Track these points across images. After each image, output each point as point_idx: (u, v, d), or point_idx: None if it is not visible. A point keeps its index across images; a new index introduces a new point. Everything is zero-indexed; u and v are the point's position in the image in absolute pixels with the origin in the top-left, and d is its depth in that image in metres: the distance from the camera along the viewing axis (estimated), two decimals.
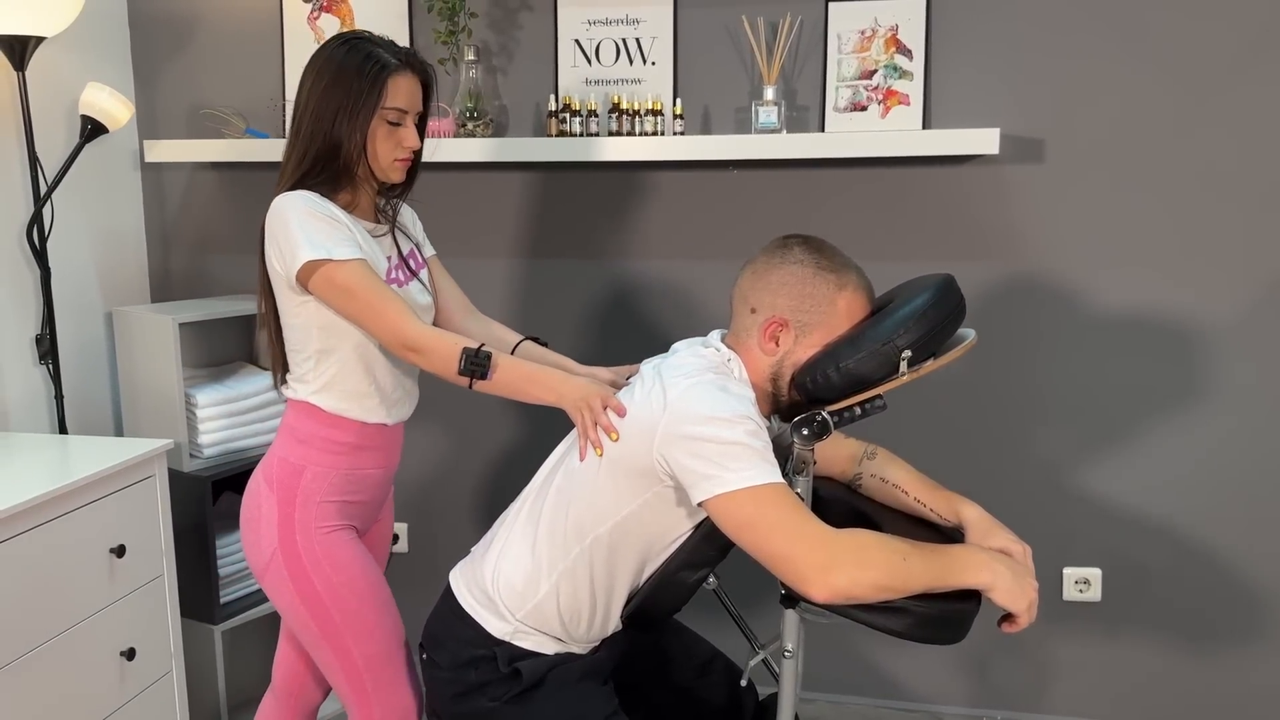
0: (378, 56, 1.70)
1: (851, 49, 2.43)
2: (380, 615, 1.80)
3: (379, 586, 1.82)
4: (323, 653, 1.79)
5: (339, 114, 1.69)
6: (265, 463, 1.82)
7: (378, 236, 1.81)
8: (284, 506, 1.77)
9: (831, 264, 1.56)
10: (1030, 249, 2.45)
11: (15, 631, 1.82)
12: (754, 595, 2.35)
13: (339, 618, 1.76)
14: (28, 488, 1.87)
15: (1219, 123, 2.33)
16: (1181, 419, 2.45)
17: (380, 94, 1.70)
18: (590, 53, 2.56)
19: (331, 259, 1.65)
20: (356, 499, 1.83)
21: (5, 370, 2.38)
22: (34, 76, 2.38)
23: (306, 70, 1.74)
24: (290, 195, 1.70)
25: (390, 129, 1.73)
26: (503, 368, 1.66)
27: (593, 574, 1.58)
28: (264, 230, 1.73)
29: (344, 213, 1.74)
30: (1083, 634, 2.57)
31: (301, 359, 1.78)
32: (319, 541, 1.76)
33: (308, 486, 1.77)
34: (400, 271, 1.84)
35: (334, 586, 1.76)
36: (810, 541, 1.39)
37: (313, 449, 1.78)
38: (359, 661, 1.78)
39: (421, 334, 1.67)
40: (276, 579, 1.77)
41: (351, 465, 1.81)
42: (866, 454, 1.76)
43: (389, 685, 1.80)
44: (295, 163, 1.73)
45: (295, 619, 1.78)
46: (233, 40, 2.75)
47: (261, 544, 1.78)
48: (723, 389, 1.49)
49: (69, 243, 2.58)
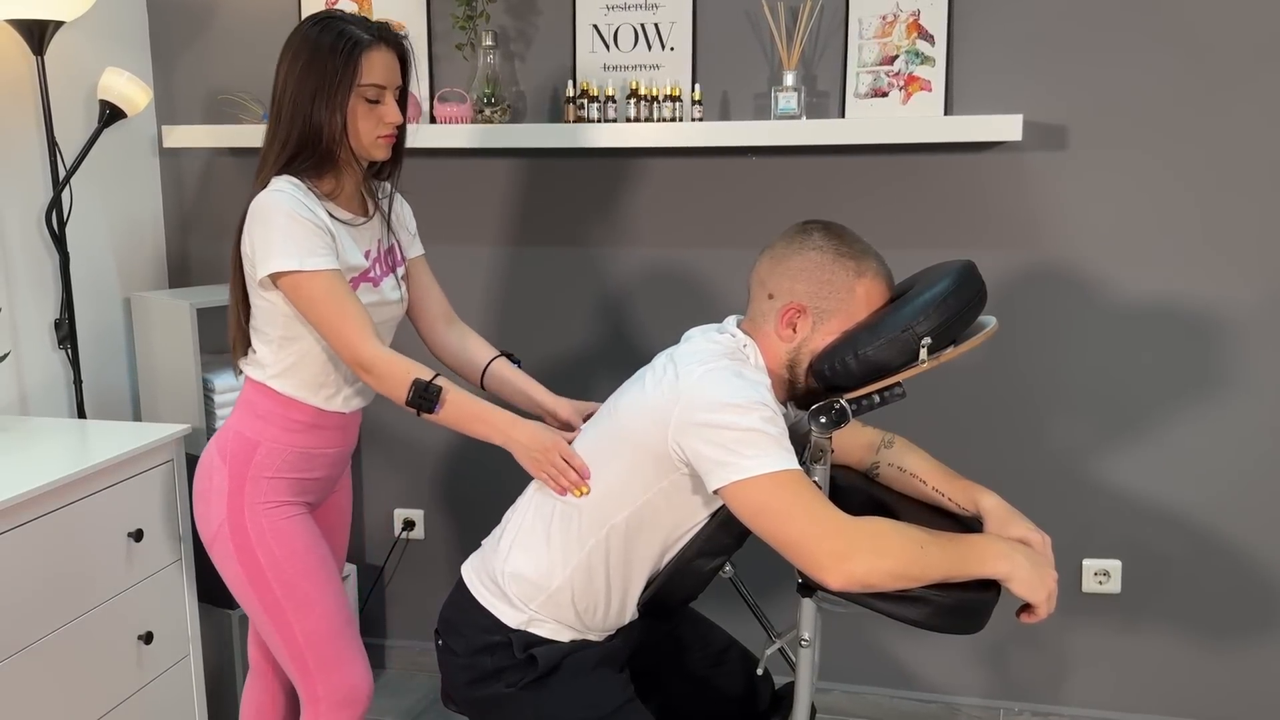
0: (350, 33, 1.69)
1: (873, 34, 2.41)
2: (323, 592, 1.81)
3: (324, 563, 1.83)
4: (265, 628, 1.81)
5: (316, 96, 1.68)
6: (220, 435, 1.83)
7: (358, 226, 1.80)
8: (235, 480, 1.78)
9: (851, 250, 1.55)
10: (1052, 237, 2.43)
11: (35, 614, 1.83)
12: (770, 584, 2.34)
13: (280, 592, 1.78)
14: (47, 472, 1.88)
15: (1244, 111, 2.30)
16: (1203, 410, 2.42)
17: (355, 71, 1.68)
18: (608, 38, 2.54)
19: (303, 270, 1.65)
20: (310, 476, 1.85)
21: (25, 355, 2.39)
22: (53, 61, 2.38)
23: (282, 53, 1.73)
24: (276, 194, 1.68)
25: (369, 106, 1.72)
26: (450, 403, 1.66)
27: (609, 564, 1.57)
28: (243, 218, 1.72)
29: (326, 208, 1.73)
30: (1102, 626, 2.55)
31: (263, 341, 1.79)
32: (266, 516, 1.78)
33: (260, 462, 1.78)
34: (379, 265, 1.83)
35: (277, 561, 1.78)
36: (827, 528, 1.38)
37: (270, 425, 1.79)
38: (300, 638, 1.79)
39: (376, 356, 1.66)
40: (222, 551, 1.80)
41: (307, 443, 1.82)
42: (884, 442, 1.75)
43: (333, 662, 1.81)
44: (278, 149, 1.73)
45: (239, 592, 1.81)
46: (251, 26, 2.75)
47: (211, 515, 1.80)
48: (738, 375, 1.48)
49: (87, 228, 2.59)
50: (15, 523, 1.79)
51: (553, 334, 2.72)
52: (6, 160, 2.35)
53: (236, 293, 1.80)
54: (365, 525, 2.93)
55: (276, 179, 1.71)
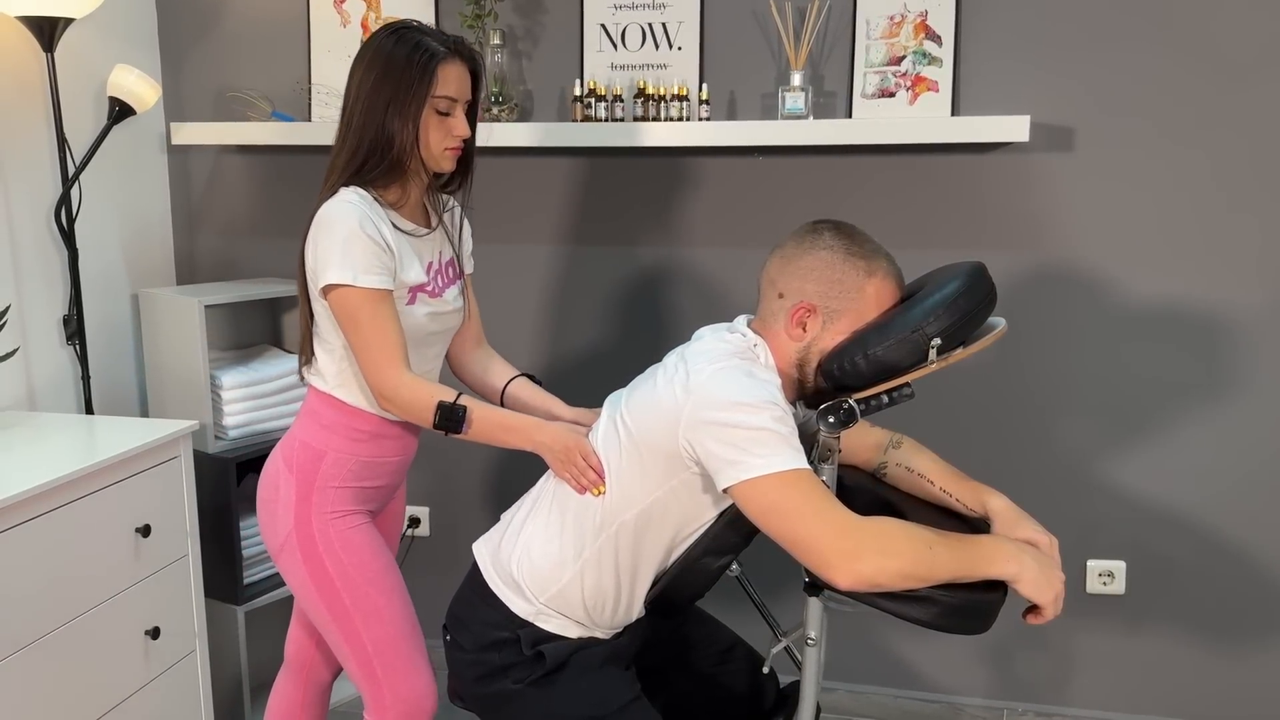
0: (426, 45, 1.69)
1: (880, 34, 2.41)
2: (390, 600, 1.81)
3: (390, 571, 1.83)
4: (334, 636, 1.81)
5: (390, 106, 1.68)
6: (285, 444, 1.83)
7: (420, 238, 1.80)
8: (302, 489, 1.78)
9: (861, 250, 1.55)
10: (1058, 238, 2.43)
11: (42, 609, 1.84)
12: (777, 583, 2.34)
13: (349, 601, 1.78)
14: (55, 467, 1.88)
15: (1251, 114, 2.30)
16: (1208, 412, 2.42)
17: (430, 83, 1.68)
18: (616, 37, 2.55)
19: (355, 285, 1.66)
20: (373, 484, 1.85)
21: (33, 350, 2.40)
22: (63, 58, 2.39)
23: (355, 63, 1.73)
24: (343, 205, 1.68)
25: (440, 118, 1.72)
26: (478, 420, 1.69)
27: (618, 561, 1.57)
28: (310, 225, 1.72)
29: (390, 218, 1.73)
30: (1106, 627, 2.56)
31: (326, 350, 1.79)
32: (334, 525, 1.78)
33: (327, 471, 1.79)
34: (441, 277, 1.83)
35: (346, 570, 1.78)
36: (836, 528, 1.39)
37: (335, 435, 1.80)
38: (369, 646, 1.79)
39: (400, 384, 1.68)
40: (290, 560, 1.79)
41: (371, 453, 1.82)
42: (892, 443, 1.75)
43: (400, 670, 1.80)
44: (348, 157, 1.72)
45: (307, 601, 1.81)
46: (259, 23, 2.75)
47: (277, 525, 1.80)
48: (748, 374, 1.48)
49: (96, 224, 2.60)
50: (24, 518, 1.79)
51: (560, 332, 2.73)
52: (16, 156, 2.35)
53: (303, 299, 1.80)
54: None
55: (345, 189, 1.71)
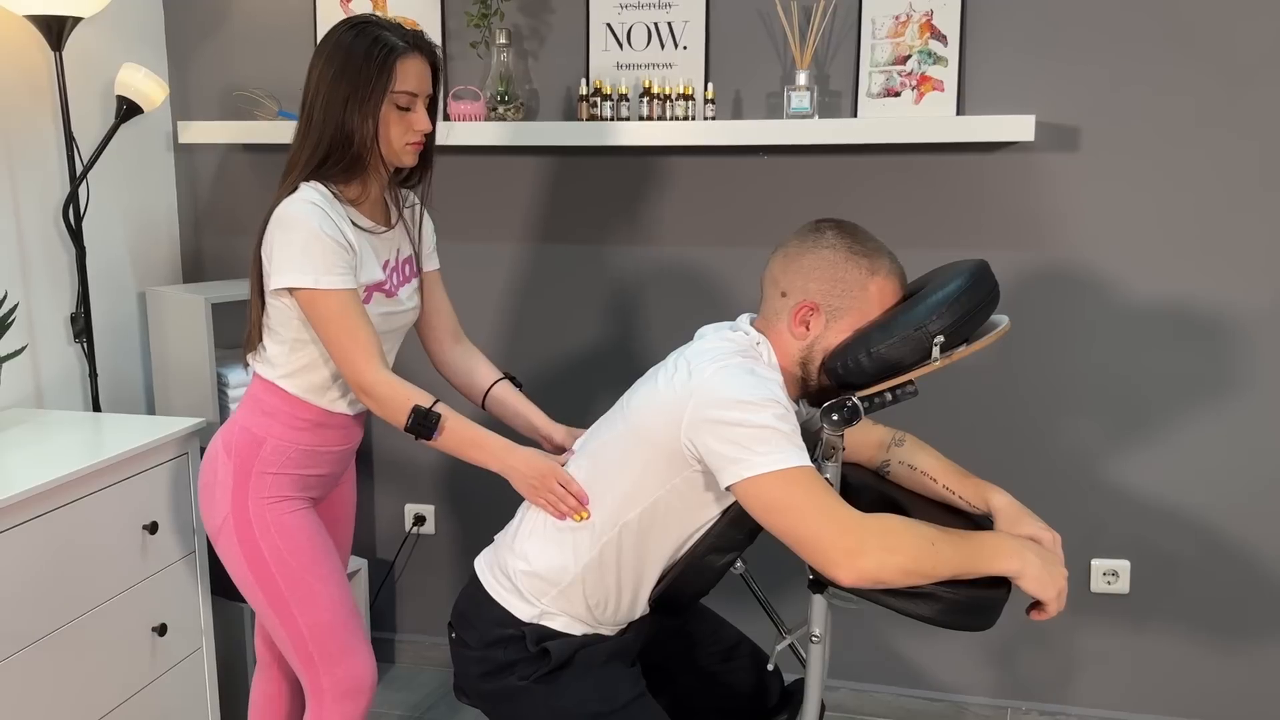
0: (385, 40, 1.69)
1: (885, 34, 2.41)
2: (327, 585, 1.82)
3: (327, 556, 1.84)
4: (270, 620, 1.83)
5: (349, 101, 1.69)
6: (226, 429, 1.85)
7: (379, 235, 1.81)
8: (239, 474, 1.80)
9: (864, 248, 1.55)
10: (1064, 237, 2.43)
11: (50, 606, 1.85)
12: (781, 580, 2.34)
13: (284, 586, 1.79)
14: (62, 464, 1.90)
15: (1256, 114, 2.30)
16: (1213, 411, 2.42)
17: (390, 77, 1.69)
18: (621, 36, 2.55)
19: (317, 287, 1.66)
20: (315, 472, 1.86)
21: (41, 348, 2.41)
22: (70, 57, 2.40)
23: (315, 57, 1.73)
24: (302, 205, 1.68)
25: (400, 113, 1.73)
26: (449, 431, 1.69)
27: (620, 560, 1.58)
28: (266, 222, 1.73)
29: (350, 214, 1.74)
30: (1110, 626, 2.56)
31: (276, 341, 1.80)
32: (270, 510, 1.80)
33: (265, 457, 1.80)
34: (397, 275, 1.84)
35: (281, 555, 1.79)
36: (839, 525, 1.39)
37: (275, 422, 1.81)
38: (304, 631, 1.81)
39: (378, 381, 1.69)
40: (227, 544, 1.81)
41: (313, 441, 1.84)
42: (895, 440, 1.75)
43: (337, 654, 1.82)
44: (309, 153, 1.73)
45: (244, 585, 1.83)
46: (266, 22, 2.76)
47: (215, 508, 1.82)
48: (750, 372, 1.48)
49: (104, 222, 2.61)
50: (31, 515, 1.80)
51: (565, 331, 2.73)
52: (25, 155, 2.36)
53: (255, 289, 1.81)
54: (376, 520, 2.94)
55: (304, 186, 1.72)
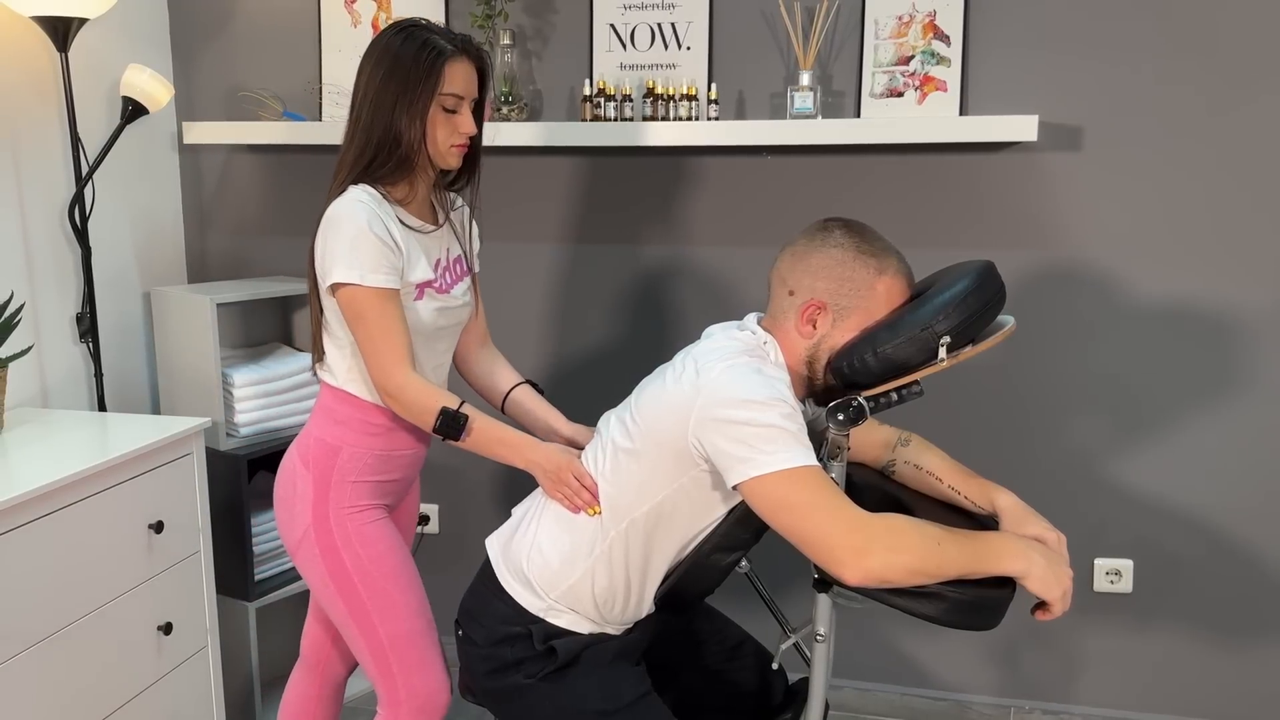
0: (434, 43, 1.71)
1: (888, 34, 2.42)
2: (407, 595, 1.82)
3: (407, 567, 1.84)
4: (350, 631, 1.82)
5: (398, 103, 1.70)
6: (301, 442, 1.85)
7: (427, 234, 1.81)
8: (319, 486, 1.79)
9: (872, 248, 1.56)
10: (1067, 237, 2.43)
11: (56, 605, 1.86)
12: (786, 579, 2.35)
13: (366, 596, 1.79)
14: (68, 464, 1.90)
15: (1259, 112, 2.30)
16: (1217, 411, 2.43)
17: (438, 80, 1.70)
18: (625, 37, 2.56)
19: (362, 284, 1.67)
20: (390, 478, 1.86)
21: (47, 348, 2.42)
22: (76, 58, 2.40)
23: (364, 60, 1.75)
24: (352, 204, 1.70)
25: (447, 116, 1.74)
26: (477, 431, 1.71)
27: (628, 558, 1.58)
28: (319, 223, 1.74)
29: (398, 214, 1.75)
30: (1113, 625, 2.56)
31: (335, 345, 1.81)
32: (351, 520, 1.79)
33: (343, 466, 1.80)
34: (449, 274, 1.85)
35: (363, 565, 1.79)
36: (845, 524, 1.39)
37: (349, 430, 1.81)
38: (385, 641, 1.80)
39: (406, 384, 1.70)
40: (308, 556, 1.80)
41: (386, 446, 1.83)
42: (900, 440, 1.76)
43: (415, 666, 1.81)
44: (356, 154, 1.74)
45: (324, 596, 1.82)
46: (270, 23, 2.77)
47: (295, 521, 1.81)
48: (757, 371, 1.49)
49: (109, 223, 2.61)
50: (37, 514, 1.81)
51: (570, 331, 2.74)
52: (31, 156, 2.37)
53: (313, 294, 1.81)
54: None
55: (353, 187, 1.72)
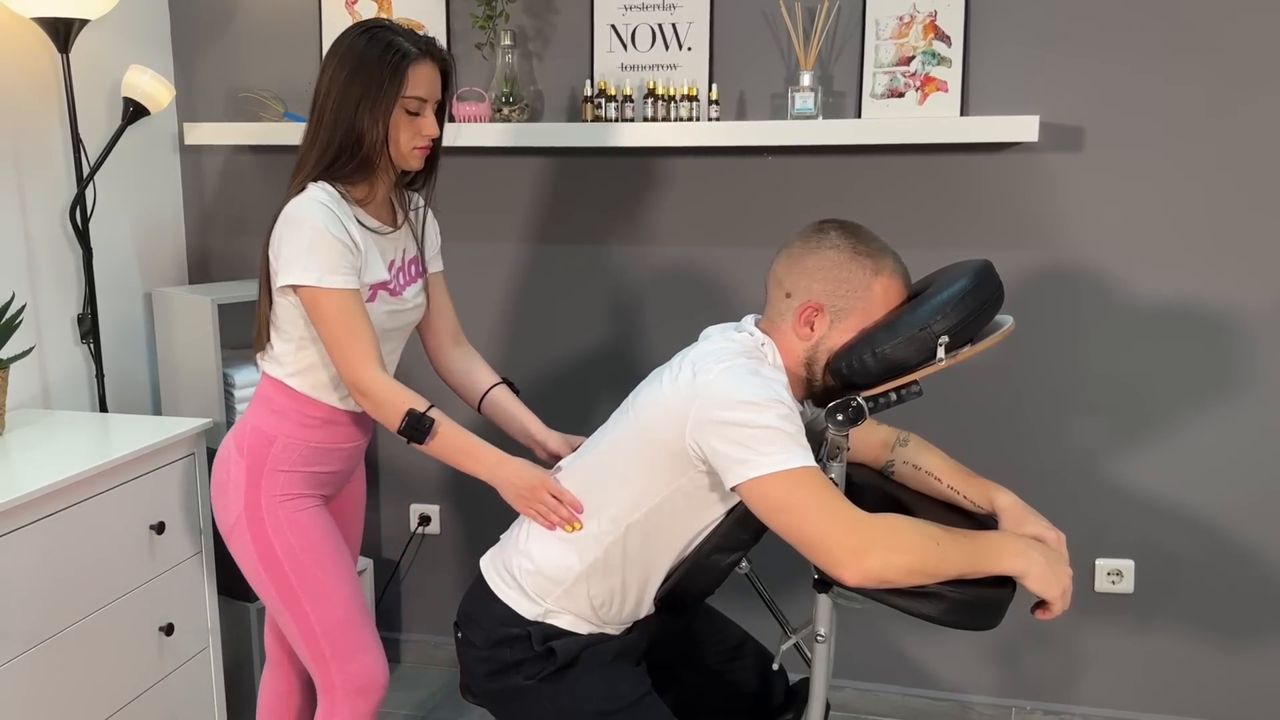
0: (398, 45, 1.71)
1: (889, 35, 2.42)
2: (338, 582, 1.83)
3: (339, 554, 1.86)
4: (283, 617, 1.84)
5: (361, 104, 1.71)
6: (238, 429, 1.86)
7: (385, 235, 1.82)
8: (252, 473, 1.81)
9: (868, 249, 1.56)
10: (1068, 237, 2.43)
11: (57, 606, 1.86)
12: (786, 580, 2.35)
13: (297, 583, 1.81)
14: (69, 465, 1.90)
15: (1260, 113, 2.30)
16: (1218, 411, 2.42)
17: (401, 83, 1.71)
18: (626, 38, 2.56)
19: (320, 286, 1.68)
20: (325, 469, 1.88)
21: (48, 349, 2.42)
22: (77, 59, 2.41)
23: (327, 59, 1.75)
24: (310, 204, 1.70)
25: (410, 118, 1.75)
26: (441, 436, 1.70)
27: (626, 561, 1.58)
28: (275, 219, 1.75)
29: (356, 214, 1.76)
30: (1114, 625, 2.56)
31: (284, 340, 1.82)
32: (282, 508, 1.82)
33: (277, 455, 1.82)
34: (403, 275, 1.86)
35: (294, 552, 1.81)
36: (843, 524, 1.40)
37: (286, 420, 1.83)
38: (316, 627, 1.82)
39: (374, 382, 1.70)
40: (240, 541, 1.83)
41: (322, 439, 1.85)
42: (899, 440, 1.76)
43: (348, 651, 1.83)
44: (319, 153, 1.75)
45: (257, 583, 1.84)
46: (271, 24, 2.77)
47: (229, 506, 1.83)
48: (754, 373, 1.49)
49: (110, 224, 2.62)
50: (38, 515, 1.81)
51: (569, 332, 2.74)
52: (32, 157, 2.37)
53: (263, 288, 1.82)
54: (381, 520, 2.95)
55: (312, 185, 1.74)
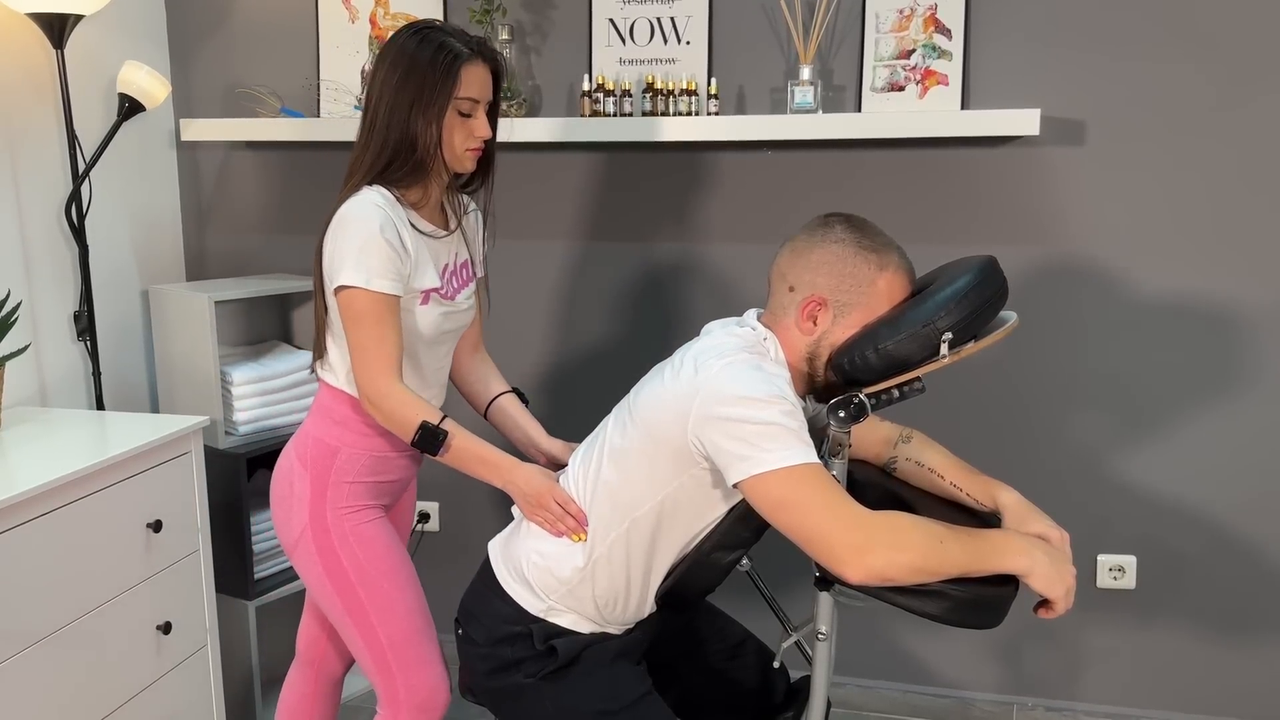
0: (450, 46, 1.70)
1: (889, 28, 2.40)
2: (405, 594, 1.81)
3: (404, 566, 1.84)
4: (348, 630, 1.81)
5: (414, 106, 1.69)
6: (299, 441, 1.84)
7: (438, 239, 1.81)
8: (316, 485, 1.79)
9: (873, 244, 1.54)
10: (1070, 232, 2.42)
11: (55, 604, 1.85)
12: (787, 578, 2.34)
13: (364, 595, 1.78)
14: (66, 463, 1.89)
15: (1263, 107, 2.29)
16: (1220, 407, 2.41)
17: (454, 84, 1.69)
18: (625, 32, 2.54)
19: (366, 288, 1.67)
20: (387, 478, 1.86)
21: (45, 347, 2.41)
22: (73, 55, 2.39)
23: (378, 63, 1.74)
24: (367, 206, 1.69)
25: (462, 119, 1.73)
26: (456, 448, 1.70)
27: (629, 558, 1.58)
28: (329, 222, 1.73)
29: (410, 218, 1.74)
30: (1116, 622, 2.55)
31: (339, 347, 1.80)
32: (348, 520, 1.79)
33: (341, 467, 1.79)
34: (455, 279, 1.84)
35: (360, 564, 1.78)
36: (846, 522, 1.38)
37: (347, 430, 1.81)
38: (383, 640, 1.80)
39: (391, 393, 1.69)
40: (305, 556, 1.80)
41: (385, 447, 1.83)
42: (902, 437, 1.75)
43: (413, 664, 1.81)
44: (373, 157, 1.73)
45: (322, 596, 1.81)
46: (268, 19, 2.76)
47: (292, 521, 1.81)
48: (757, 368, 1.48)
49: (107, 221, 2.60)
50: (36, 513, 1.80)
51: (570, 328, 2.73)
52: (27, 153, 2.36)
53: (318, 292, 1.80)
54: None
55: (367, 189, 1.72)
